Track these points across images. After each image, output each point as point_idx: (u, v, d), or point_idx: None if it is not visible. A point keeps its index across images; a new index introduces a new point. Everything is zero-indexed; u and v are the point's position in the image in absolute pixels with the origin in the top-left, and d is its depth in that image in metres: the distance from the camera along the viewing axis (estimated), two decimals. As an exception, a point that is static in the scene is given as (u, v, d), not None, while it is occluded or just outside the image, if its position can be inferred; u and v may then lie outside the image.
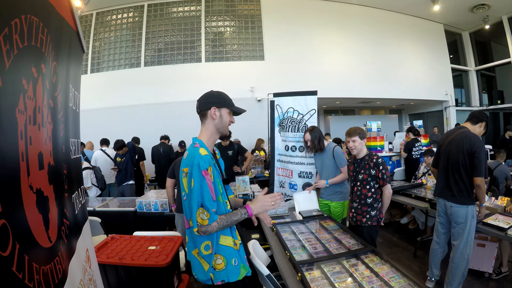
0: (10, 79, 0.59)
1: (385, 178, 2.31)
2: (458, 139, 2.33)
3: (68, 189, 1.04)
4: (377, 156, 2.36)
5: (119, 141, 4.62)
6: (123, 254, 1.93)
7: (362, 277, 1.50)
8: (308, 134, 2.92)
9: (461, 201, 2.27)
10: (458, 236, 2.30)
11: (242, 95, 7.51)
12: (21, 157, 0.63)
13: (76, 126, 1.29)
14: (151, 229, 2.85)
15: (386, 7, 9.00)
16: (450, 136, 2.44)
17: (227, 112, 1.47)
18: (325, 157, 2.91)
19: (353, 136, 2.38)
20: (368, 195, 2.37)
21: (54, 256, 0.78)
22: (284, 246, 1.96)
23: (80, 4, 6.74)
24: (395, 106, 12.40)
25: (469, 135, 2.31)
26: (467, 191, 2.27)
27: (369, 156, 2.39)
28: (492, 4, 8.57)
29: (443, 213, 2.45)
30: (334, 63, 8.40)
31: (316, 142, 2.88)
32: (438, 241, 2.54)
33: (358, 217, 2.42)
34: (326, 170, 2.91)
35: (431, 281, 2.60)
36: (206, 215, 1.31)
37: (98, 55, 8.07)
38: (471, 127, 2.40)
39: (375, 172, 2.33)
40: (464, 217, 2.26)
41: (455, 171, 2.31)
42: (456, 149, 2.32)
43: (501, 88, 10.42)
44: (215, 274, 1.39)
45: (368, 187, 2.37)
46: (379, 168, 2.30)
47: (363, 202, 2.39)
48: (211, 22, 8.07)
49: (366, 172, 2.37)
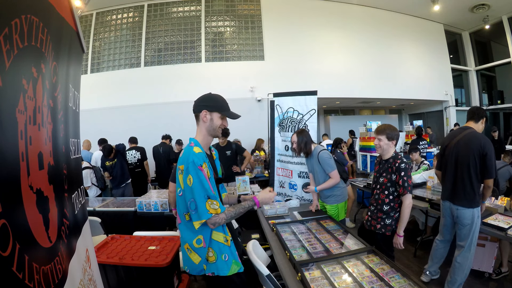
0: (10, 79, 0.59)
1: (406, 186, 2.05)
2: (466, 141, 2.25)
3: (68, 189, 1.04)
4: (401, 160, 2.10)
5: (106, 146, 4.59)
6: (123, 254, 1.93)
7: (362, 277, 1.50)
8: (295, 136, 2.80)
9: (468, 204, 2.23)
10: (464, 238, 2.27)
11: (242, 95, 7.51)
12: (21, 157, 0.63)
13: (76, 126, 1.29)
14: (151, 229, 2.85)
15: (386, 7, 9.00)
16: (457, 138, 2.34)
17: (218, 116, 1.50)
18: (313, 162, 2.80)
19: (381, 134, 2.18)
20: (386, 202, 2.17)
21: (54, 256, 0.78)
22: (284, 246, 1.96)
23: (80, 4, 6.74)
24: (395, 106, 12.41)
25: (477, 135, 2.24)
26: (475, 193, 2.22)
27: (394, 159, 2.15)
28: (492, 4, 8.58)
29: (449, 216, 2.40)
30: (334, 63, 8.40)
31: (302, 145, 2.76)
32: (442, 239, 2.52)
33: (373, 222, 2.27)
34: (317, 176, 2.81)
35: (426, 275, 2.62)
36: (216, 204, 1.39)
37: (98, 55, 8.07)
38: (475, 126, 2.32)
39: (395, 178, 2.10)
40: (471, 218, 2.23)
41: (465, 173, 2.24)
42: (465, 151, 2.23)
43: (501, 88, 10.43)
44: (208, 266, 1.45)
45: (386, 193, 2.17)
46: (401, 174, 2.07)
47: (379, 208, 2.21)
48: (211, 22, 8.08)
49: (387, 176, 2.16)
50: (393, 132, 2.16)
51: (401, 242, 2.11)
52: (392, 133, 2.16)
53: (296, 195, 3.62)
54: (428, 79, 9.53)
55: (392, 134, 2.15)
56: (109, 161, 4.62)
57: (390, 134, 2.15)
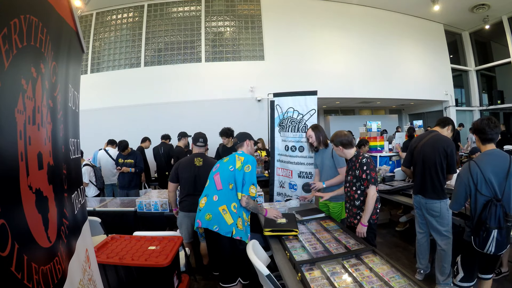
0: (9, 79, 0.59)
1: (369, 179, 2.22)
2: (433, 142, 2.56)
3: (67, 189, 1.04)
4: (362, 156, 2.31)
5: (123, 142, 4.54)
6: (123, 254, 1.93)
7: (362, 277, 1.50)
8: (311, 130, 2.92)
9: (436, 197, 2.48)
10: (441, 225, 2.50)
11: (242, 95, 7.50)
12: (20, 157, 0.63)
13: (76, 126, 1.29)
14: (151, 229, 2.85)
15: (386, 7, 9.00)
16: (423, 140, 2.65)
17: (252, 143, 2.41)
18: (325, 157, 2.90)
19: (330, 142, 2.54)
20: (355, 197, 2.35)
21: (53, 256, 0.78)
22: (284, 246, 1.96)
23: (80, 4, 6.74)
24: (395, 106, 12.40)
25: (442, 138, 2.56)
26: (441, 187, 2.50)
27: (356, 157, 2.37)
28: (492, 4, 8.57)
29: (419, 208, 2.67)
30: (334, 63, 8.40)
31: (321, 138, 2.90)
32: (421, 231, 2.74)
33: (351, 219, 2.42)
34: (326, 171, 2.90)
35: (420, 274, 2.76)
36: (255, 190, 2.12)
37: (98, 55, 8.07)
38: (440, 130, 2.67)
39: (359, 173, 2.28)
40: (439, 210, 2.47)
41: (432, 170, 2.51)
42: (431, 151, 2.53)
43: (501, 88, 10.42)
44: (237, 230, 2.03)
45: (354, 189, 2.35)
46: (363, 169, 2.25)
47: (352, 204, 2.39)
48: (211, 22, 8.07)
49: (352, 173, 2.37)
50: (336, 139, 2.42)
51: (364, 231, 2.23)
52: (335, 140, 2.43)
53: (296, 195, 3.62)
54: (428, 79, 9.52)
55: (335, 141, 2.43)
56: (122, 158, 4.55)
57: (335, 141, 2.43)
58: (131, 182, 4.57)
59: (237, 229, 2.02)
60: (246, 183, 2.07)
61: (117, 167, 4.60)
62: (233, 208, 2.05)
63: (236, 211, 2.05)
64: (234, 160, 2.17)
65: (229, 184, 2.09)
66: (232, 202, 2.06)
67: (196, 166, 2.88)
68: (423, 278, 2.74)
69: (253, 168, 2.12)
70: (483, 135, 1.94)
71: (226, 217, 2.02)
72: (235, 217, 2.04)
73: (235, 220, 2.03)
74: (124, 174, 4.53)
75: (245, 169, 2.09)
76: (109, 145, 5.11)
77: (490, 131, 1.91)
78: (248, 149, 2.34)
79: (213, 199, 2.10)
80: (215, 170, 2.26)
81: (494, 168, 1.84)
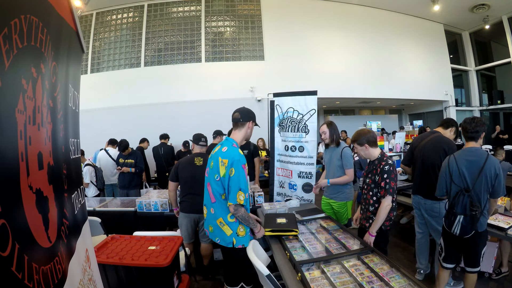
0: (10, 79, 0.59)
1: (387, 189, 2.08)
2: (434, 143, 2.57)
3: (67, 189, 1.04)
4: (385, 162, 2.14)
5: (124, 142, 4.53)
6: (123, 254, 1.93)
7: (362, 277, 1.50)
8: (325, 127, 2.90)
9: (434, 198, 2.45)
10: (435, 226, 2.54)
11: (242, 95, 7.49)
12: (20, 157, 0.63)
13: (76, 126, 1.29)
14: (151, 229, 2.85)
15: (386, 7, 8.99)
16: (425, 140, 2.66)
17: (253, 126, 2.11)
18: (334, 155, 2.88)
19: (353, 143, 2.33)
20: (371, 202, 2.25)
21: (53, 256, 0.78)
22: (284, 246, 1.96)
23: (80, 4, 6.73)
24: (395, 106, 12.40)
25: (443, 139, 2.58)
26: None
27: (379, 161, 2.20)
28: (492, 4, 8.57)
29: (417, 208, 2.70)
30: (334, 63, 8.39)
31: (335, 135, 2.89)
32: (420, 231, 2.76)
33: (363, 221, 2.35)
34: (332, 168, 2.89)
35: (420, 274, 2.76)
36: (243, 196, 1.85)
37: (98, 55, 8.07)
38: (443, 132, 2.68)
39: (378, 179, 2.14)
40: (438, 210, 2.51)
41: (431, 171, 2.53)
42: (432, 151, 2.55)
43: (501, 88, 10.41)
44: (237, 239, 1.92)
45: (371, 194, 2.25)
46: (383, 176, 2.11)
47: (367, 207, 2.30)
48: (211, 22, 8.07)
49: (372, 177, 2.24)
50: (361, 138, 2.25)
51: (372, 241, 2.13)
52: (360, 139, 2.25)
53: (296, 195, 3.62)
54: (428, 79, 9.51)
55: (360, 140, 2.25)
56: (123, 158, 4.54)
57: (359, 141, 2.26)
58: (132, 182, 4.57)
59: (238, 237, 1.92)
60: (232, 190, 1.82)
61: (117, 167, 4.61)
62: (229, 218, 1.91)
63: (235, 219, 1.91)
64: (217, 167, 1.90)
65: (220, 195, 1.91)
66: (228, 213, 1.91)
67: (196, 166, 2.88)
68: (423, 278, 2.74)
69: (238, 170, 1.82)
70: (465, 133, 2.13)
71: (224, 229, 1.93)
72: (234, 226, 1.92)
73: (235, 229, 1.92)
74: (124, 174, 4.53)
75: (229, 174, 1.83)
76: (110, 145, 5.11)
77: (471, 129, 2.08)
78: (248, 132, 2.06)
79: (211, 212, 2.01)
80: (207, 175, 2.07)
81: (469, 163, 2.03)
